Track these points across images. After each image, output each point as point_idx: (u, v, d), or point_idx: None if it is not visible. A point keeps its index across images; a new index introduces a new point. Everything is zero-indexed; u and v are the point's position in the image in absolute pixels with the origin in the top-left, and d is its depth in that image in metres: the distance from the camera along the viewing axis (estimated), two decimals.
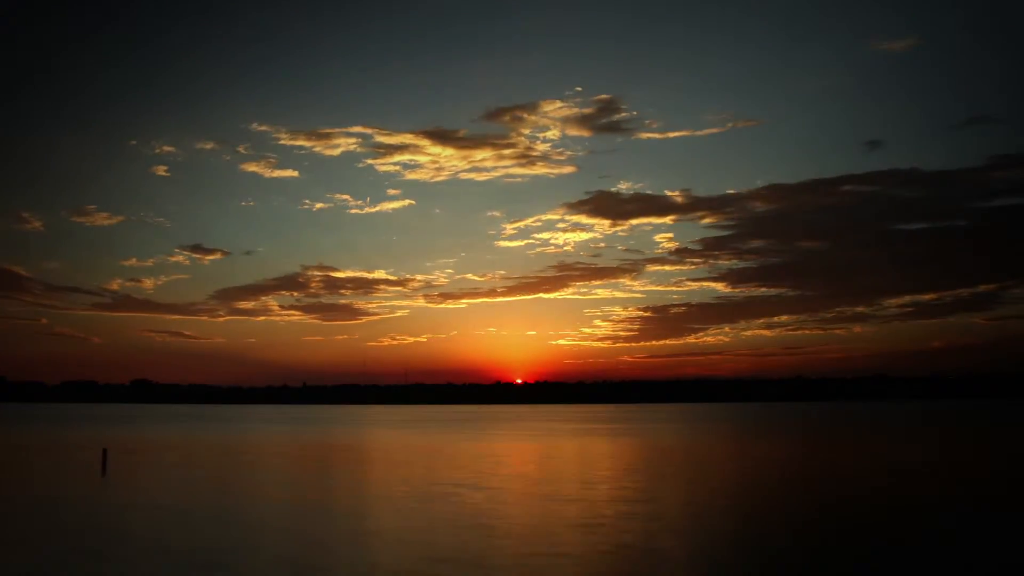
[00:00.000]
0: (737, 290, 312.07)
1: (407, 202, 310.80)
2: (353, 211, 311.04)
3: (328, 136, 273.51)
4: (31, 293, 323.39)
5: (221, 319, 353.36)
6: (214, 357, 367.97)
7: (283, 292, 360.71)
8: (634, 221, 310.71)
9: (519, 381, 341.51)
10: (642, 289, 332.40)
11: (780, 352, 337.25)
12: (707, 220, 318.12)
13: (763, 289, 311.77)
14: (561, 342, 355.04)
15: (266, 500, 29.60)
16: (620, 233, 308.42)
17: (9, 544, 21.31)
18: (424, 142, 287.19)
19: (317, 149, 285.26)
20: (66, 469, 42.21)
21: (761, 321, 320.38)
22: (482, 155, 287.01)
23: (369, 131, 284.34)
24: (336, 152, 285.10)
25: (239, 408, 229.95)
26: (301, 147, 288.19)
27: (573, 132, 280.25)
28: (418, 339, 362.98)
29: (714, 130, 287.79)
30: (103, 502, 29.86)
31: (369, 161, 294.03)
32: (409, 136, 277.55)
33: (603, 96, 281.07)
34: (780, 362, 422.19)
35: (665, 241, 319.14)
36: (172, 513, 26.43)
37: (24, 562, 18.98)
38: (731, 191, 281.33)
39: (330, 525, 23.88)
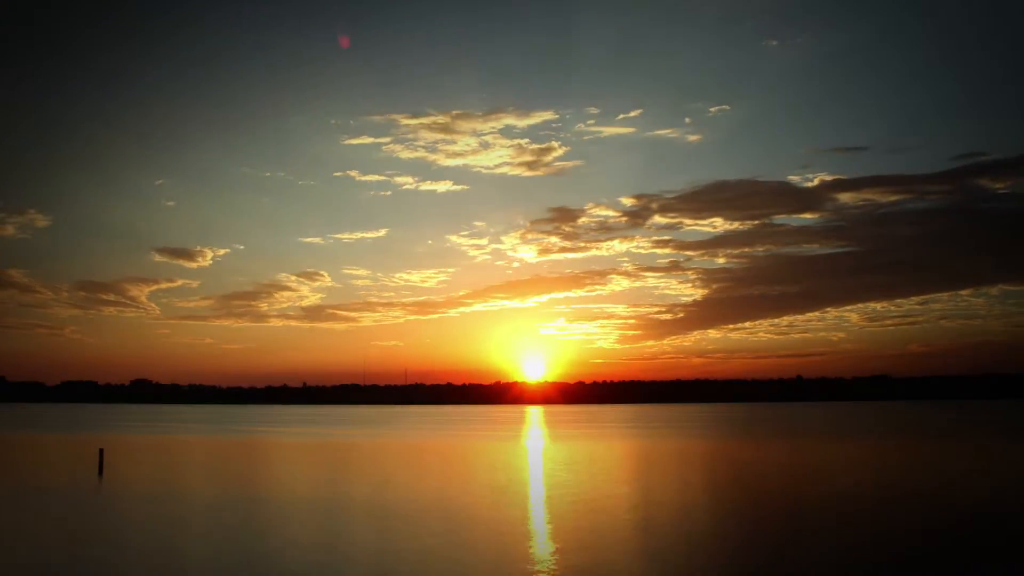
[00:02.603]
0: (709, 294, 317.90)
1: (389, 229, 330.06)
2: (345, 236, 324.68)
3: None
4: (31, 293, 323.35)
5: (221, 321, 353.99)
6: (214, 358, 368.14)
7: (283, 297, 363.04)
8: (604, 237, 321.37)
9: (518, 382, 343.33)
10: (624, 295, 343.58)
11: (751, 356, 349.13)
12: (673, 228, 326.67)
13: (737, 294, 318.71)
14: (556, 343, 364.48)
15: (274, 501, 29.91)
16: (593, 248, 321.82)
17: (5, 545, 21.58)
18: (406, 177, 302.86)
19: (311, 184, 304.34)
20: (63, 469, 42.48)
21: (738, 326, 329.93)
22: (455, 186, 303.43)
23: (353, 174, 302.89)
24: (327, 186, 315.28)
25: (239, 409, 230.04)
26: (294, 182, 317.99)
27: (535, 159, 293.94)
28: (415, 342, 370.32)
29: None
30: (99, 502, 30.16)
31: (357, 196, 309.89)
32: (388, 174, 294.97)
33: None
34: (754, 365, 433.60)
35: (638, 252, 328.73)
36: (170, 514, 26.76)
37: (20, 563, 19.25)
38: (688, 202, 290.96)
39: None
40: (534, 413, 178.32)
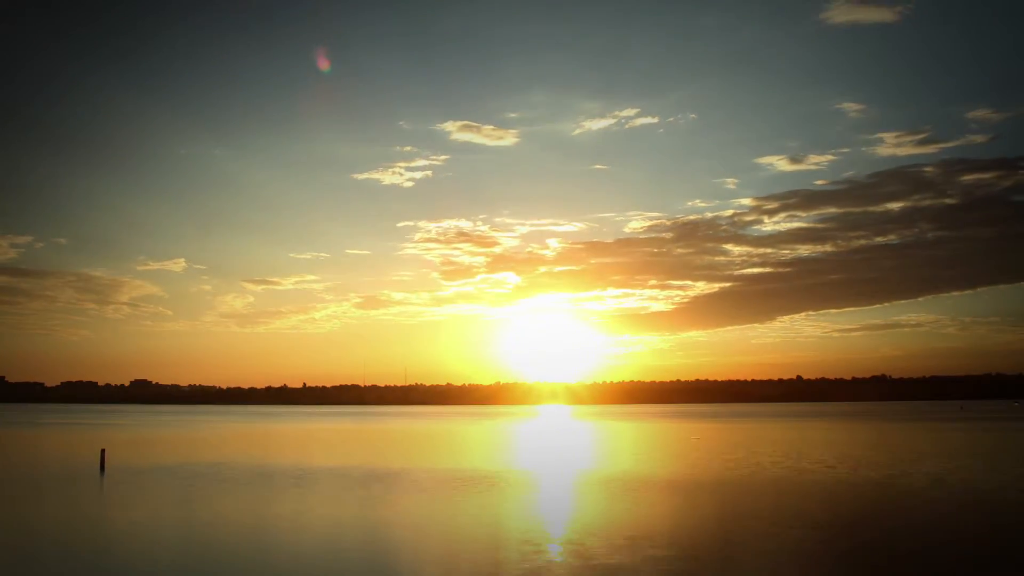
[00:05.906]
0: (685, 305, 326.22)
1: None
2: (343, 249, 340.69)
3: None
4: (31, 294, 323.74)
5: (221, 323, 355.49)
6: (214, 359, 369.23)
7: (283, 301, 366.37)
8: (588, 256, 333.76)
9: (516, 381, 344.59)
10: (614, 296, 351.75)
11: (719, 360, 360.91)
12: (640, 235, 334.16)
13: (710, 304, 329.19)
14: (555, 346, 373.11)
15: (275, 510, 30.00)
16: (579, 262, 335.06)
17: (8, 546, 21.70)
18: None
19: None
20: (65, 469, 42.55)
21: (709, 331, 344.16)
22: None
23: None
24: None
25: (240, 408, 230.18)
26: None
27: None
28: (414, 345, 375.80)
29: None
30: (101, 501, 30.28)
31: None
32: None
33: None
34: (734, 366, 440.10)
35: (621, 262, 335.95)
36: (171, 514, 26.87)
37: (23, 564, 19.38)
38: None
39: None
40: (556, 415, 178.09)
